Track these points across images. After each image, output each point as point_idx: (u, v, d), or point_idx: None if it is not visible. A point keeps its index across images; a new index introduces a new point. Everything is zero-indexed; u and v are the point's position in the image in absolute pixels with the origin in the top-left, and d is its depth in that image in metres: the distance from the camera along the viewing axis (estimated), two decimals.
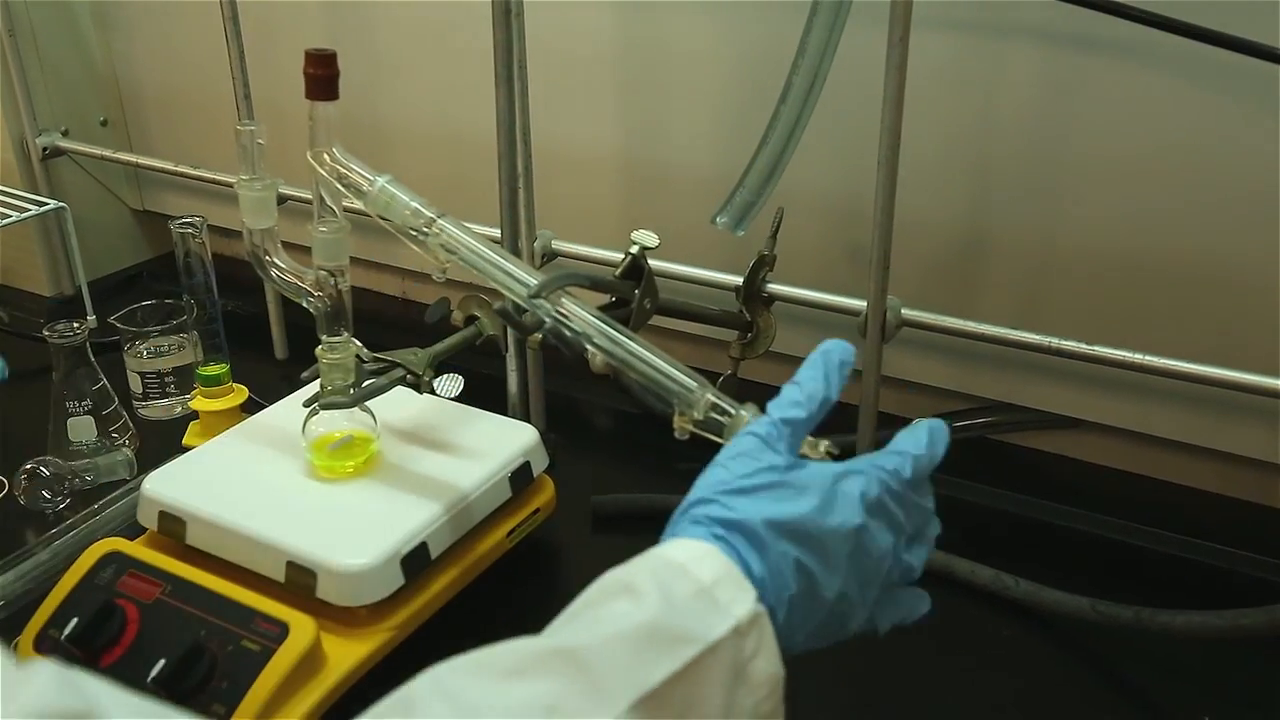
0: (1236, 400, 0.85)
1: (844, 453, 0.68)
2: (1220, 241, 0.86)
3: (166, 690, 0.65)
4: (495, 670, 0.43)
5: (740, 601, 0.47)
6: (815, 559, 0.50)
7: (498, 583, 0.81)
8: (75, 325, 0.97)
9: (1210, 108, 0.83)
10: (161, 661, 0.66)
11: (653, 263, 0.89)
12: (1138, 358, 0.82)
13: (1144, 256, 0.90)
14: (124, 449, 0.99)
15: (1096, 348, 0.84)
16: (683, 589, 0.47)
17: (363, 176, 0.73)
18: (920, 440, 0.55)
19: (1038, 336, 0.86)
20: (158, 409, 1.08)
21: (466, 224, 0.73)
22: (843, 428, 0.89)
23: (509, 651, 0.44)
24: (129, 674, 0.66)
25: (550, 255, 1.04)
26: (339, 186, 0.73)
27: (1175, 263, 0.89)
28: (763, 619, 0.48)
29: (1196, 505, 0.96)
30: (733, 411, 0.64)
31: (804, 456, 0.60)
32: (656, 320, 0.91)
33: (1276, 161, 0.82)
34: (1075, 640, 0.79)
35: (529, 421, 0.94)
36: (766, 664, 0.47)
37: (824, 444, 0.62)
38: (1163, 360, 0.81)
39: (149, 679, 0.65)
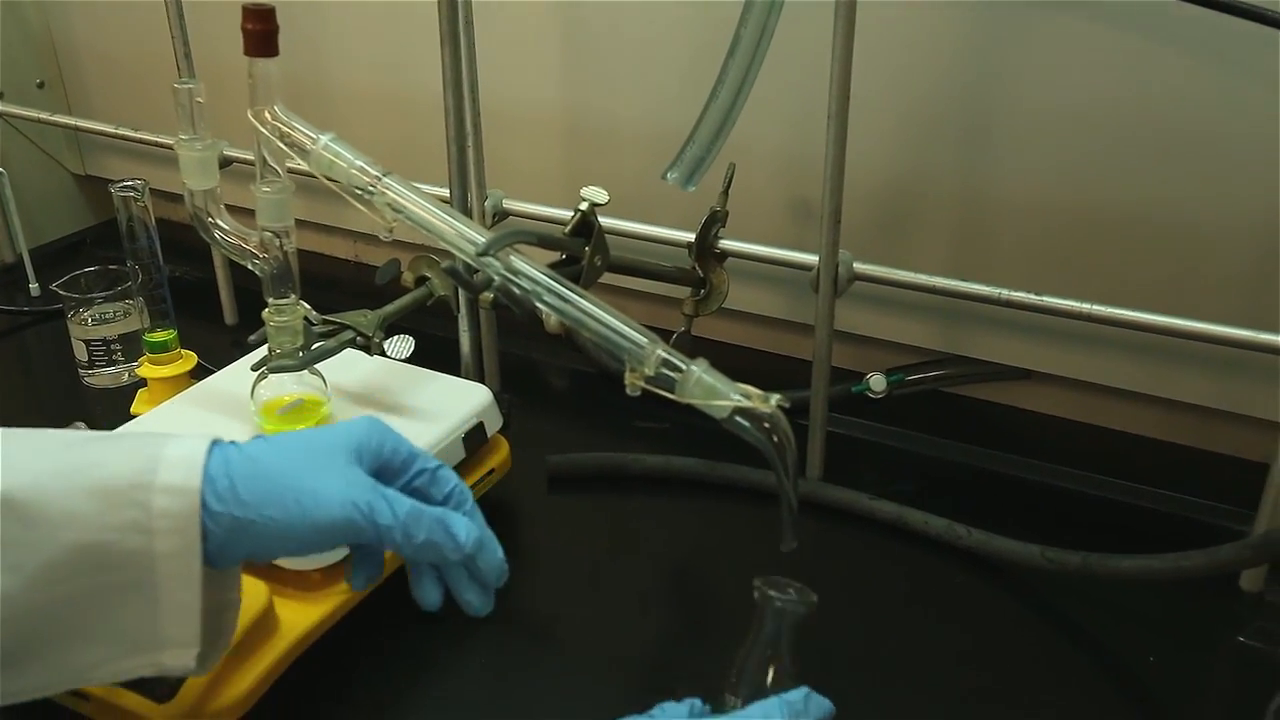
0: (1178, 347, 0.86)
1: (795, 407, 0.68)
2: (1163, 191, 0.87)
3: None
4: None
5: None
6: None
7: None
8: None
9: (1152, 58, 0.84)
10: None
11: (604, 220, 0.89)
12: (1085, 307, 0.83)
13: (1088, 207, 0.90)
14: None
15: (1045, 298, 0.84)
16: None
17: (305, 135, 0.71)
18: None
19: (987, 288, 0.86)
20: (105, 377, 1.07)
21: (415, 184, 0.72)
22: (796, 383, 0.90)
23: None
24: None
25: (501, 214, 1.03)
26: (281, 145, 0.72)
27: (1119, 212, 0.89)
28: None
29: (1140, 451, 0.98)
30: (683, 367, 0.64)
31: (753, 410, 0.60)
32: (609, 278, 0.90)
33: (1219, 110, 0.83)
34: (1026, 586, 0.81)
35: (483, 382, 0.94)
36: None
37: (775, 397, 0.63)
38: (1109, 309, 0.82)
39: None
